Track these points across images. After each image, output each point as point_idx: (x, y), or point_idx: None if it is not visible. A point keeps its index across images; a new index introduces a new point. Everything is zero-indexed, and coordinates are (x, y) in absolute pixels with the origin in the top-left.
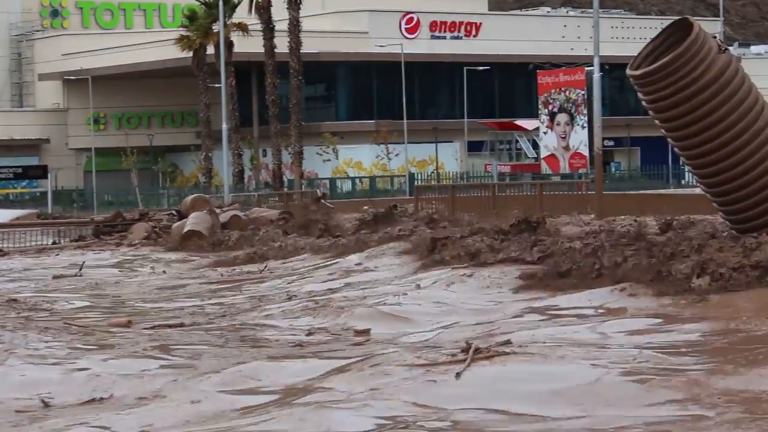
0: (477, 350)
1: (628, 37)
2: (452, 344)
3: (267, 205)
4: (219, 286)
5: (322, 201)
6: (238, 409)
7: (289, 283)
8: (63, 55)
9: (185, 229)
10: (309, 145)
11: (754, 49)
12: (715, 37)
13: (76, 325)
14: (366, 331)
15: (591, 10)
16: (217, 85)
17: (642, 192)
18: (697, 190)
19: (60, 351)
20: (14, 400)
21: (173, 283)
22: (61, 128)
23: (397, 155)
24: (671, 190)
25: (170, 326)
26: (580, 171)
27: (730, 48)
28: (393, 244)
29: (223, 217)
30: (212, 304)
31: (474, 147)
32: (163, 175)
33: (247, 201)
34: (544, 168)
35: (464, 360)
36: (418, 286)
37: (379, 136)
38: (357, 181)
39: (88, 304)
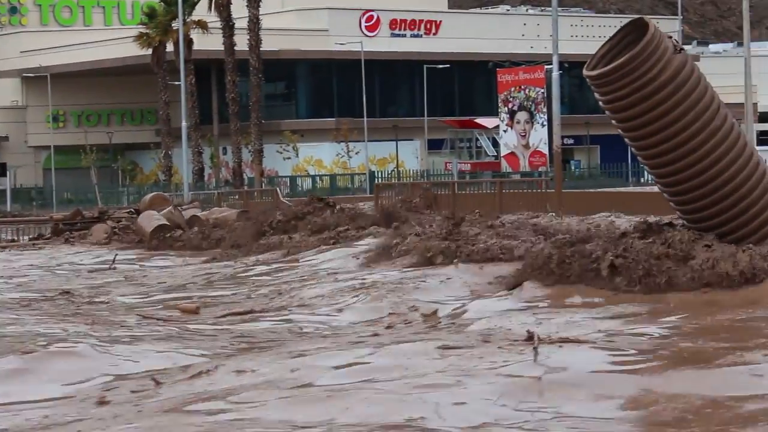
0: (539, 337)
1: (588, 35)
2: (500, 329)
3: (227, 204)
4: (251, 272)
5: (282, 199)
6: (334, 379)
7: (319, 266)
8: (22, 52)
9: (151, 228)
10: (269, 143)
11: (712, 47)
12: (670, 37)
13: (150, 317)
14: (434, 314)
15: (550, 9)
16: (176, 83)
17: (602, 190)
18: (657, 189)
19: (148, 338)
20: (129, 382)
21: (203, 272)
22: (20, 126)
23: (357, 153)
24: (631, 189)
25: (239, 313)
26: (540, 169)
27: (689, 46)
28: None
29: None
30: (262, 286)
31: (434, 145)
32: (123, 172)
33: (207, 199)
34: (504, 166)
35: (531, 344)
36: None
37: (339, 134)
38: (317, 179)
39: (140, 295)
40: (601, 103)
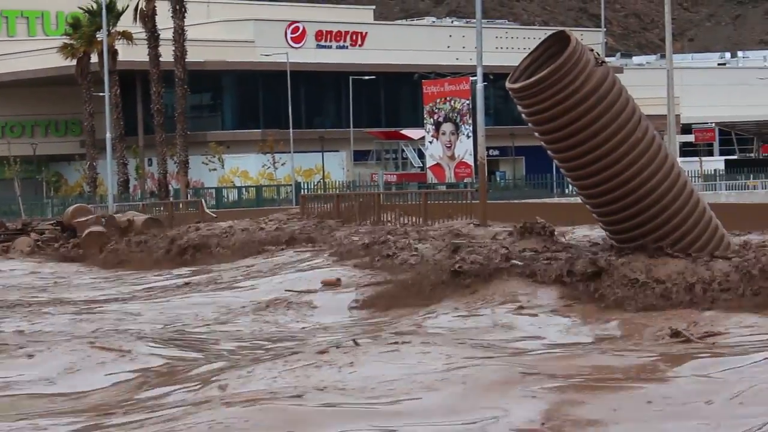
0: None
1: (513, 47)
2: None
3: (151, 215)
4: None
5: (207, 211)
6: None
7: None
8: None
9: (84, 234)
10: (195, 154)
11: (635, 59)
12: (592, 50)
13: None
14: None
15: (475, 21)
16: (101, 94)
17: (526, 201)
18: (580, 200)
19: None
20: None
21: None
22: None
23: (283, 164)
24: (555, 200)
25: (377, 284)
26: (465, 180)
27: (613, 58)
28: None
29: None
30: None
31: (360, 156)
32: (47, 184)
33: (133, 210)
34: (430, 177)
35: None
36: None
37: (265, 146)
38: (243, 190)
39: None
40: (523, 115)
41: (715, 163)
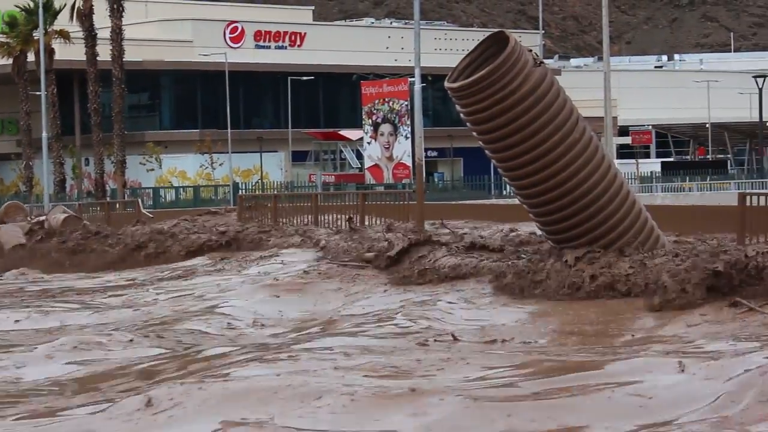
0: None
1: (451, 48)
2: None
3: (88, 215)
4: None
5: (143, 211)
6: None
7: None
8: None
9: (10, 245)
10: (132, 154)
11: (573, 61)
12: (530, 51)
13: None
14: None
15: (414, 22)
16: (38, 93)
17: (463, 202)
18: (517, 201)
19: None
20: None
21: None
22: None
23: (221, 165)
24: (493, 201)
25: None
26: (403, 181)
27: (551, 60)
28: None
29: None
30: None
31: (298, 157)
32: None
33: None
34: (368, 178)
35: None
36: None
37: (203, 146)
38: (181, 190)
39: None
40: (462, 115)
41: (652, 165)
